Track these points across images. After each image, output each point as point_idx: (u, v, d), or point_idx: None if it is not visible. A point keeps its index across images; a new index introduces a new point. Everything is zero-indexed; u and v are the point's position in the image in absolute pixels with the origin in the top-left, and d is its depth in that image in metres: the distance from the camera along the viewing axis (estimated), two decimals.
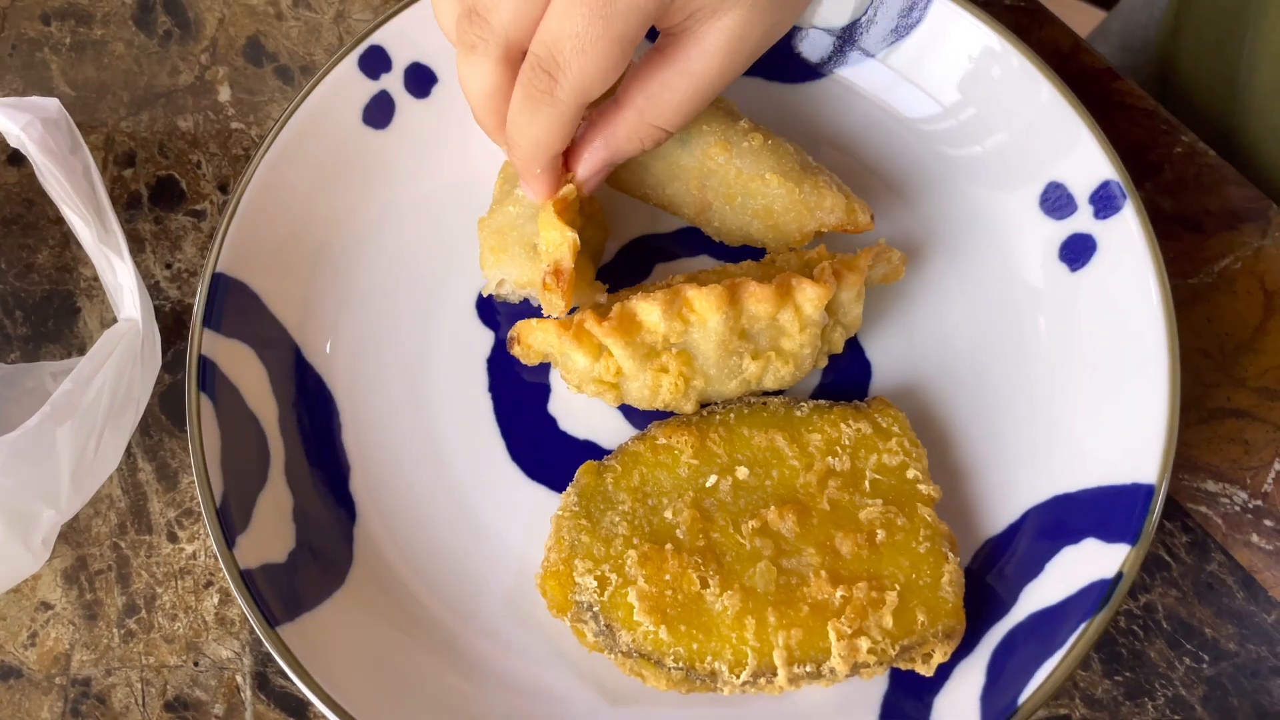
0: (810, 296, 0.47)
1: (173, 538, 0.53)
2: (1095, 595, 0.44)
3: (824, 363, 0.51)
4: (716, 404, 0.50)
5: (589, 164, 0.47)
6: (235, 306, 0.51)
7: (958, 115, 0.55)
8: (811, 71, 0.57)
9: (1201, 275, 0.55)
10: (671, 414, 0.50)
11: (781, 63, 0.57)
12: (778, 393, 0.51)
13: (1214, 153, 0.57)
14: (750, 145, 0.50)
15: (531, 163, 0.45)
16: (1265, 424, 0.52)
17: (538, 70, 0.41)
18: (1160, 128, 0.58)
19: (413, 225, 0.55)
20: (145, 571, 0.52)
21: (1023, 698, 0.43)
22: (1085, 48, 0.60)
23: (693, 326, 0.48)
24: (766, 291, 0.47)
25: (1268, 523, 0.51)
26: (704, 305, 0.47)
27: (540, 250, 0.48)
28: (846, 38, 0.56)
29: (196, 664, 0.50)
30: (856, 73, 0.57)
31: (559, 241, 0.47)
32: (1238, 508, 0.51)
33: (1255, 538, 0.51)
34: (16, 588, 0.52)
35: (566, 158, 0.47)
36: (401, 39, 0.55)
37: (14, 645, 0.51)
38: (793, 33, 0.57)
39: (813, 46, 0.57)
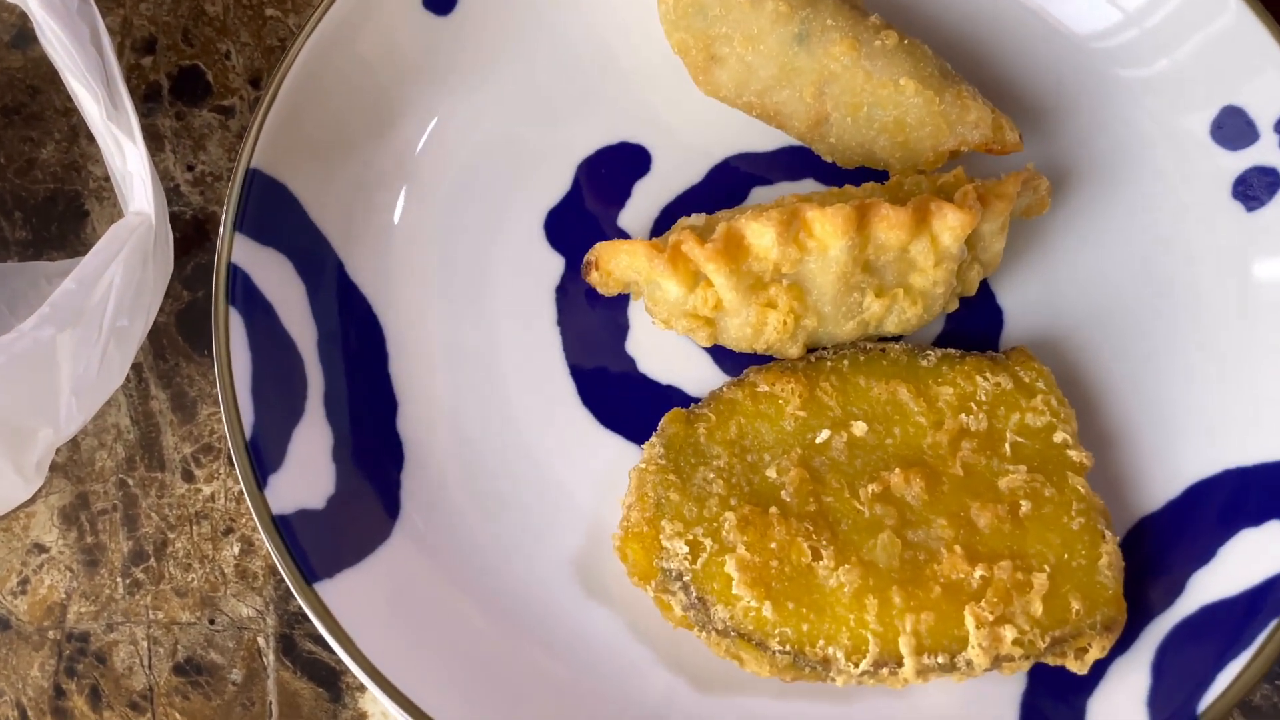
0: (951, 225, 0.41)
1: (188, 476, 0.47)
2: None
3: (954, 306, 0.44)
4: (825, 349, 0.44)
5: None
6: (271, 210, 0.45)
7: (1126, 29, 0.48)
8: None
9: None
10: (770, 359, 0.44)
11: None
12: (895, 339, 0.45)
13: None
14: (883, 45, 0.43)
15: None
16: None
17: None
18: None
19: (476, 129, 0.49)
20: (155, 514, 0.47)
21: (1202, 706, 0.37)
22: None
23: (810, 255, 0.41)
24: (901, 216, 0.40)
25: None
26: (826, 229, 0.40)
27: None
28: None
29: (212, 622, 0.45)
30: None
31: None
32: None
33: None
34: (6, 526, 0.47)
35: None
36: None
37: (2, 592, 0.46)
38: None
39: None
